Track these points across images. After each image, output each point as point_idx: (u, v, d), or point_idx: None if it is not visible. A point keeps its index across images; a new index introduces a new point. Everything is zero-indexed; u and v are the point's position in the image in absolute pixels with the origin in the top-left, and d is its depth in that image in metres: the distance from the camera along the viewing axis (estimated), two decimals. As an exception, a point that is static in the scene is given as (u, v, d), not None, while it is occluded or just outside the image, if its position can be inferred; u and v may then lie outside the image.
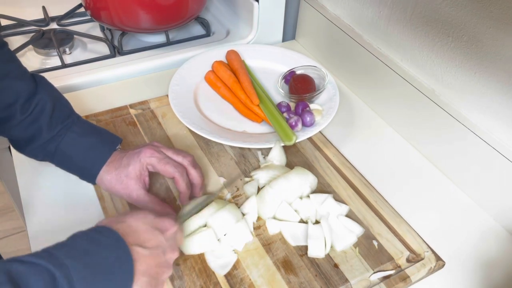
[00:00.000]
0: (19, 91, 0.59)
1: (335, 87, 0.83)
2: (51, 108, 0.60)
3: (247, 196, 0.65)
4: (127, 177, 0.59)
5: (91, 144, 0.61)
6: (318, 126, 0.75)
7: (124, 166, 0.60)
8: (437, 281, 0.60)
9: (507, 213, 0.66)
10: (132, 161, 0.60)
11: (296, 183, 0.63)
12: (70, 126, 0.62)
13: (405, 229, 0.63)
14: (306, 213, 0.63)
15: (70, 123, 0.62)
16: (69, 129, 0.61)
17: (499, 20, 0.59)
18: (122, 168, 0.60)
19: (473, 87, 0.66)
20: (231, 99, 0.82)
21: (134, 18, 0.90)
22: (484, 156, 0.66)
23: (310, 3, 0.97)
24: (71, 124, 0.62)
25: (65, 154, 0.61)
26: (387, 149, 0.79)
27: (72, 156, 0.61)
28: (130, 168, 0.59)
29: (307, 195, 0.64)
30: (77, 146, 0.61)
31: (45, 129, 0.60)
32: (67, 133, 0.61)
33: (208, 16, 1.10)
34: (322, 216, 0.62)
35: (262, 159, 0.72)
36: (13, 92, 0.58)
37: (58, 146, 0.61)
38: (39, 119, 0.60)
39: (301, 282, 0.56)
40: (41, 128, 0.60)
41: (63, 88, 0.84)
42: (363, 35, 0.85)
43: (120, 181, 0.60)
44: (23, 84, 0.59)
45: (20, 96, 0.59)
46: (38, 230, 0.61)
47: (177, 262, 0.57)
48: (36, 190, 0.66)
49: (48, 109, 0.60)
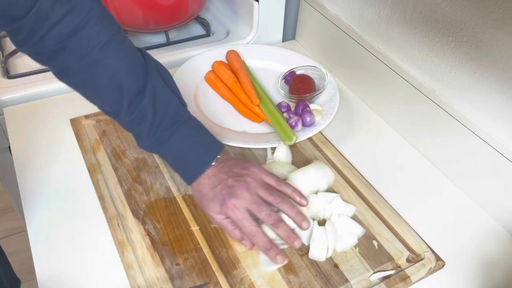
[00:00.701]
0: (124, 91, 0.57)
1: (335, 87, 0.83)
2: (152, 115, 0.59)
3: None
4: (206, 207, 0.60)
5: (192, 152, 0.61)
6: (318, 126, 0.75)
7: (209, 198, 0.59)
8: (437, 281, 0.60)
9: (507, 213, 0.66)
10: (215, 200, 0.58)
11: (313, 176, 0.64)
12: (174, 132, 0.60)
13: (405, 229, 0.63)
14: (315, 210, 0.63)
15: (171, 131, 0.60)
16: (172, 136, 0.60)
17: (499, 20, 0.59)
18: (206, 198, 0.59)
19: (473, 87, 0.66)
20: (231, 99, 0.82)
21: (134, 18, 0.90)
22: (485, 156, 0.66)
23: (310, 3, 0.97)
24: (176, 130, 0.60)
25: (168, 157, 0.62)
26: (387, 149, 0.79)
27: (174, 159, 0.62)
28: (211, 206, 0.59)
29: (322, 191, 0.65)
30: (176, 154, 0.61)
31: (146, 134, 0.59)
32: (169, 140, 0.60)
33: (208, 16, 1.10)
34: (328, 217, 0.62)
35: (271, 154, 0.72)
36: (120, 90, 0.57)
37: (161, 151, 0.61)
38: (141, 123, 0.59)
39: (301, 282, 0.56)
40: (142, 131, 0.59)
41: (63, 88, 0.84)
42: (363, 35, 0.85)
43: (200, 202, 0.61)
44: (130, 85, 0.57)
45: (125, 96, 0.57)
46: (38, 230, 0.61)
47: (177, 262, 0.57)
48: (36, 190, 0.66)
49: (150, 115, 0.58)
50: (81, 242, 0.60)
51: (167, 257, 0.58)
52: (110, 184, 0.66)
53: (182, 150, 0.60)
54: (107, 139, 0.74)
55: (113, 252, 0.59)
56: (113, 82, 0.56)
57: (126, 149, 0.72)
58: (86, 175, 0.68)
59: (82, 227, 0.62)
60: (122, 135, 0.74)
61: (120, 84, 0.57)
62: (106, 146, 0.72)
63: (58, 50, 0.54)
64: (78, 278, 0.56)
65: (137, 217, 0.62)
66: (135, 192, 0.66)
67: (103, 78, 0.56)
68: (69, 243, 0.60)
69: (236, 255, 0.58)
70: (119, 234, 0.60)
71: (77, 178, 0.68)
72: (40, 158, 0.71)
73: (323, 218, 0.63)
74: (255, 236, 0.57)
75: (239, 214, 0.57)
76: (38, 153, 0.72)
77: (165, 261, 0.57)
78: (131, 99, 0.57)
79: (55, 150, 0.73)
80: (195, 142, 0.61)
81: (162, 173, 0.69)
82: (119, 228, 0.61)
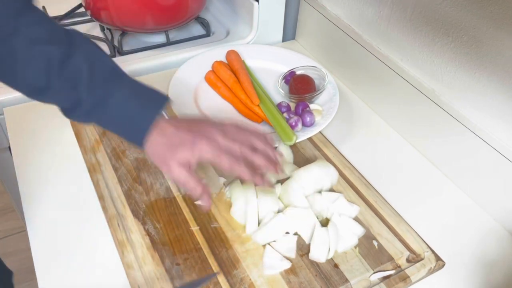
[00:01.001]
0: (51, 57, 0.52)
1: (335, 87, 0.83)
2: (88, 72, 0.54)
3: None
4: (172, 159, 0.55)
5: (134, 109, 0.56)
6: (318, 126, 0.75)
7: (174, 146, 0.55)
8: (437, 281, 0.60)
9: (507, 213, 0.66)
10: (184, 146, 0.55)
11: (316, 175, 0.64)
12: (111, 90, 0.56)
13: (405, 229, 0.63)
14: (318, 209, 0.63)
15: (111, 86, 0.56)
16: (113, 93, 0.55)
17: (499, 20, 0.59)
18: (171, 147, 0.55)
19: (473, 87, 0.66)
20: (231, 99, 0.82)
21: (134, 18, 0.90)
22: (484, 156, 0.66)
23: (310, 3, 0.97)
24: (112, 88, 0.56)
25: (111, 119, 0.57)
26: (387, 149, 0.79)
27: (117, 122, 0.57)
28: (179, 154, 0.54)
29: (326, 190, 0.65)
30: (121, 112, 0.56)
31: (85, 95, 0.54)
32: (111, 98, 0.55)
33: (208, 16, 1.10)
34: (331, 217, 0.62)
35: None
36: (46, 58, 0.53)
37: (104, 112, 0.56)
38: (77, 86, 0.54)
39: (301, 282, 0.56)
40: (80, 94, 0.55)
41: (63, 88, 0.84)
42: (363, 35, 0.85)
43: (164, 160, 0.55)
44: (54, 48, 0.53)
45: (53, 61, 0.53)
46: (38, 230, 0.61)
47: (177, 262, 0.57)
48: (36, 190, 0.66)
49: (85, 73, 0.54)
50: (81, 242, 0.60)
51: (167, 257, 0.58)
52: (110, 184, 0.66)
53: (126, 106, 0.56)
54: (107, 139, 0.74)
55: (113, 252, 0.59)
56: (36, 50, 0.52)
57: (126, 149, 0.72)
58: (86, 175, 0.68)
59: (82, 227, 0.62)
60: (122, 135, 0.74)
61: (44, 50, 0.53)
62: (106, 146, 0.72)
63: None
64: (78, 278, 0.56)
65: (137, 217, 0.62)
66: (135, 192, 0.66)
67: (23, 49, 0.52)
68: (69, 243, 0.60)
69: (236, 255, 0.58)
70: (119, 234, 0.60)
71: (77, 178, 0.68)
72: (40, 158, 0.71)
73: (326, 218, 0.63)
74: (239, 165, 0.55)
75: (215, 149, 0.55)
76: (38, 153, 0.72)
77: (165, 261, 0.57)
78: (60, 62, 0.53)
79: (55, 150, 0.73)
80: (138, 94, 0.57)
81: (162, 173, 0.69)
82: (119, 228, 0.61)
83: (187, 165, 0.55)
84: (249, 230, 0.60)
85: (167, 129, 0.56)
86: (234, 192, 0.63)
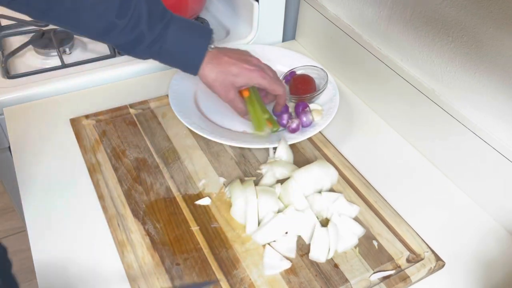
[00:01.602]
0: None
1: (335, 87, 0.83)
2: (147, 10, 0.62)
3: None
4: (232, 85, 0.68)
5: (190, 38, 0.66)
6: (318, 126, 0.75)
7: (232, 75, 0.68)
8: (437, 281, 0.60)
9: (507, 213, 0.66)
10: (242, 75, 0.68)
11: (316, 174, 0.64)
12: (168, 24, 0.64)
13: (405, 229, 0.63)
14: (318, 209, 0.63)
15: (167, 22, 0.64)
16: (168, 28, 0.64)
17: (499, 20, 0.59)
18: (230, 75, 0.68)
19: (473, 87, 0.66)
20: (231, 99, 0.82)
21: (134, 18, 0.90)
22: (484, 156, 0.66)
23: (310, 3, 0.97)
24: (169, 22, 0.64)
25: (168, 51, 0.66)
26: (387, 149, 0.79)
27: (174, 53, 0.66)
28: (238, 80, 0.68)
29: (326, 190, 0.65)
30: (178, 44, 0.65)
31: (146, 32, 0.63)
32: (167, 32, 0.64)
33: (208, 16, 1.10)
34: (331, 217, 0.62)
35: (272, 154, 0.72)
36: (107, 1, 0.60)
37: (162, 46, 0.65)
38: (138, 24, 0.62)
39: (301, 282, 0.56)
40: (142, 32, 0.62)
41: (63, 88, 0.84)
42: (363, 35, 0.85)
43: (224, 85, 0.68)
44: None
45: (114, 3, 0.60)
46: (38, 230, 0.61)
47: (177, 262, 0.57)
48: (36, 190, 0.66)
49: (145, 12, 0.62)
50: (81, 242, 0.60)
51: (167, 257, 0.58)
52: (110, 184, 0.66)
53: (181, 38, 0.65)
54: (107, 139, 0.74)
55: (113, 252, 0.59)
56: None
57: (126, 149, 0.72)
58: (86, 175, 0.68)
59: (82, 227, 0.62)
60: (122, 135, 0.74)
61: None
62: (106, 146, 0.72)
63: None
64: (78, 278, 0.56)
65: (137, 217, 0.62)
66: (135, 192, 0.66)
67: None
68: (69, 243, 0.60)
69: (236, 255, 0.58)
70: (119, 234, 0.60)
71: (77, 178, 0.68)
72: (40, 158, 0.71)
73: (326, 218, 0.63)
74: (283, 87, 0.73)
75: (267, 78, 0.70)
76: (38, 153, 0.72)
77: (165, 261, 0.57)
78: (121, 3, 0.60)
79: (55, 150, 0.73)
80: (189, 27, 0.67)
81: (162, 173, 0.69)
82: (119, 228, 0.61)
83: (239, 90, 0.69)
84: (249, 230, 0.60)
85: (221, 58, 0.67)
86: (234, 192, 0.63)
